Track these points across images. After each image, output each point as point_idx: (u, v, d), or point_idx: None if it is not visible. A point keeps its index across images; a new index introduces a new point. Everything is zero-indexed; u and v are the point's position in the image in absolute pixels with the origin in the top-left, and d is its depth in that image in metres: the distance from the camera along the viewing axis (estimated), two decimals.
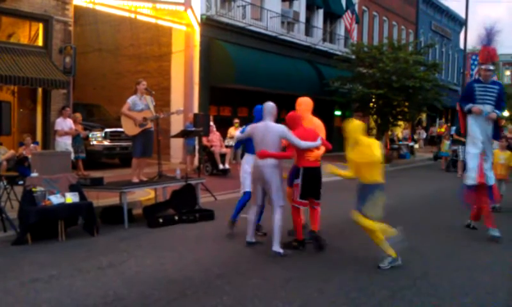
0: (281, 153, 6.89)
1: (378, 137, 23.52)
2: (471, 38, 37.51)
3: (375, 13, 30.74)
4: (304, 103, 7.64)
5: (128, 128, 9.23)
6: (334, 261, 6.52)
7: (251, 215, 7.13)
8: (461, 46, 37.74)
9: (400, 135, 27.00)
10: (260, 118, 7.08)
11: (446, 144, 20.46)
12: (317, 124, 7.52)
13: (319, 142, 6.93)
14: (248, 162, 7.65)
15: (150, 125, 9.28)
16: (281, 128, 6.80)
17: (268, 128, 6.78)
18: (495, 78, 8.97)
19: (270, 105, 6.97)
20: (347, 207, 10.21)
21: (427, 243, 7.65)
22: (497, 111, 7.96)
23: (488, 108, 7.89)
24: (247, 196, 7.70)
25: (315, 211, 7.17)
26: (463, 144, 17.21)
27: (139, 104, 9.23)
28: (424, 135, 31.78)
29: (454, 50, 42.79)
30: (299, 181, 6.93)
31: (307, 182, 6.93)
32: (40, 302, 4.90)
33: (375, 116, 23.62)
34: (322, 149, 7.07)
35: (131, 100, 9.25)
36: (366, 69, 22.59)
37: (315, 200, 7.13)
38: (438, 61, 29.99)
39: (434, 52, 36.70)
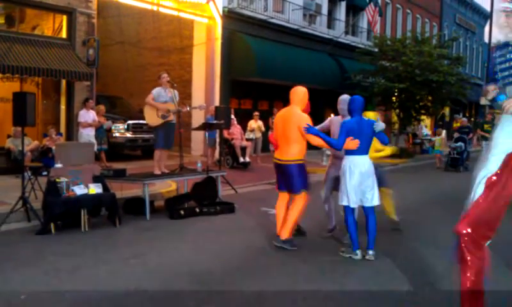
0: None
1: (400, 132, 23.32)
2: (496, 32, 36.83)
3: (398, 6, 30.38)
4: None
5: (151, 118, 9.31)
6: None
7: None
8: (486, 40, 37.13)
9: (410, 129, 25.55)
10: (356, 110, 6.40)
11: (438, 141, 19.85)
12: None
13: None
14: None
15: (171, 118, 9.34)
16: None
17: None
18: None
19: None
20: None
21: (450, 238, 7.55)
22: None
23: None
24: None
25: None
26: (487, 139, 17.10)
27: (163, 96, 9.30)
28: (424, 130, 29.56)
29: (479, 44, 42.11)
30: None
31: None
32: (63, 291, 4.96)
33: (397, 110, 23.37)
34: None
35: (156, 91, 9.34)
36: (389, 62, 22.33)
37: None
38: (462, 54, 29.51)
39: (458, 45, 36.15)
